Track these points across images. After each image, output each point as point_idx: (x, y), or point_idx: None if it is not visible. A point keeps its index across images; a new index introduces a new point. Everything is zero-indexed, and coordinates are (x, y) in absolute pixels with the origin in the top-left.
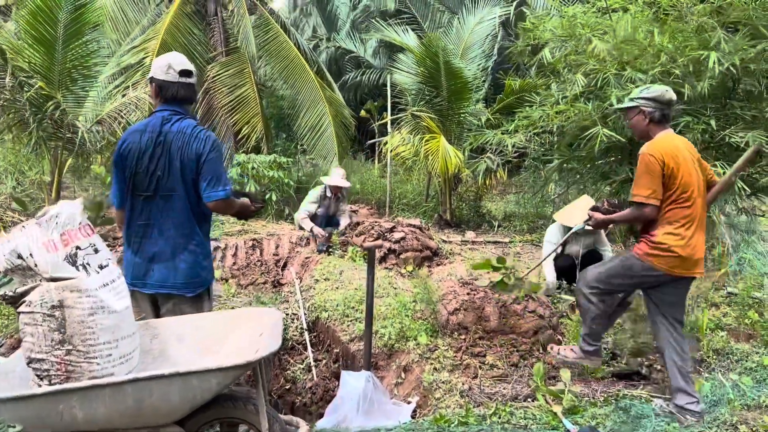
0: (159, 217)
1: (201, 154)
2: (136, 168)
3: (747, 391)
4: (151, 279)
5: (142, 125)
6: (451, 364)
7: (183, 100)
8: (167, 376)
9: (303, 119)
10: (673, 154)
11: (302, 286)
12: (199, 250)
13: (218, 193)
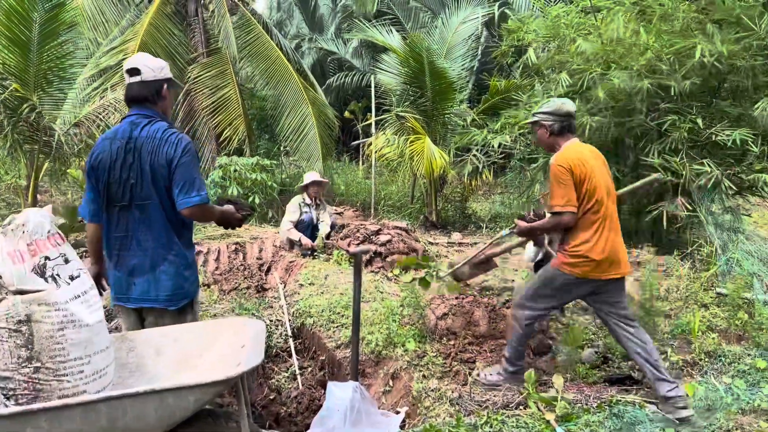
0: (136, 227)
1: (172, 158)
2: (109, 178)
3: (741, 395)
4: (133, 293)
5: (111, 132)
6: (441, 370)
7: (134, 100)
8: (142, 394)
9: (286, 121)
10: (580, 161)
11: (287, 291)
12: (179, 260)
13: (191, 200)
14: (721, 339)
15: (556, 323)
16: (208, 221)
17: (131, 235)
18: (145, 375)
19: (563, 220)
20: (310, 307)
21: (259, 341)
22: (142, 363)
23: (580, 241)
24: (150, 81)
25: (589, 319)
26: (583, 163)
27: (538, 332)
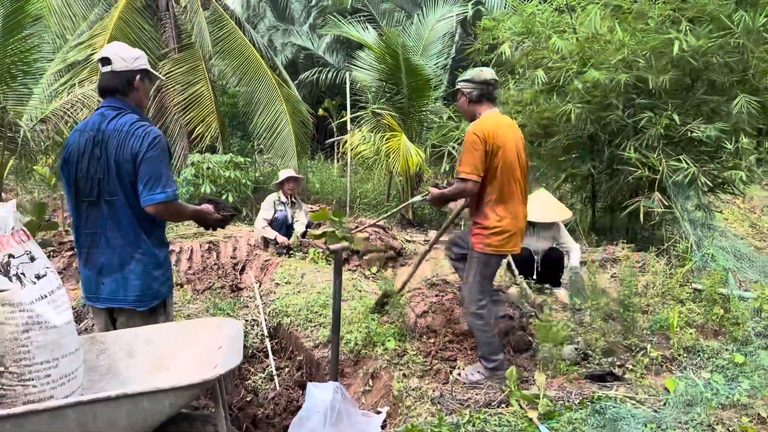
0: (105, 224)
1: (137, 152)
2: (77, 172)
3: (720, 390)
4: (102, 293)
5: (82, 125)
6: (421, 369)
7: (105, 90)
8: (114, 399)
9: (260, 118)
10: (495, 132)
11: (262, 291)
12: (148, 259)
13: (155, 196)
14: (698, 334)
15: (535, 320)
16: (178, 220)
17: (100, 233)
18: (117, 378)
19: (467, 188)
20: (286, 306)
21: (236, 342)
22: (114, 365)
23: (500, 214)
24: (120, 71)
25: (568, 315)
26: (497, 134)
27: (519, 329)
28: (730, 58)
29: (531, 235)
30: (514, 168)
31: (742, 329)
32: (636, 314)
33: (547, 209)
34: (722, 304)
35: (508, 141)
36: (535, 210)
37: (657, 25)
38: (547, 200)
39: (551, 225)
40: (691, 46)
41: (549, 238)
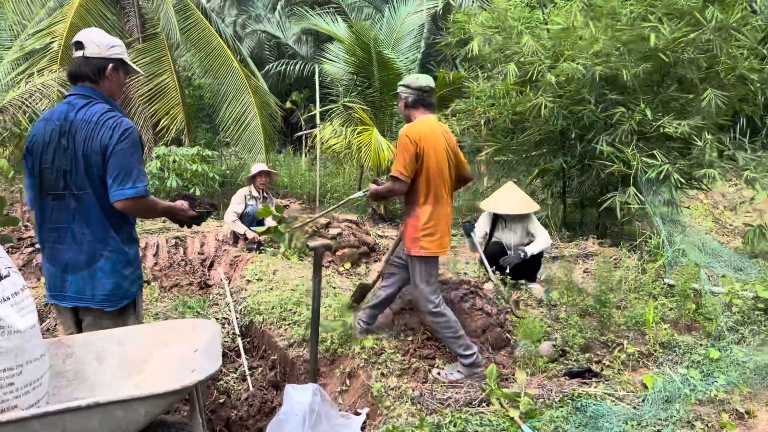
0: (72, 219)
1: (107, 144)
2: (42, 163)
3: (697, 385)
4: (68, 291)
5: (49, 113)
6: (399, 368)
7: (76, 77)
8: (85, 408)
9: (227, 110)
10: (427, 136)
11: (233, 288)
12: (117, 257)
13: (125, 192)
14: (672, 329)
15: (512, 316)
16: (149, 217)
17: (66, 227)
18: (85, 383)
19: (396, 187)
20: (258, 304)
21: (214, 345)
22: (82, 370)
23: (428, 218)
24: (93, 58)
25: (543, 311)
26: (428, 138)
27: (496, 326)
28: (699, 55)
29: (503, 229)
30: (443, 172)
31: (715, 324)
32: (612, 310)
33: (514, 202)
34: (693, 299)
35: (439, 145)
36: (502, 203)
37: (629, 21)
38: (515, 193)
39: (523, 217)
40: (665, 38)
41: (521, 230)
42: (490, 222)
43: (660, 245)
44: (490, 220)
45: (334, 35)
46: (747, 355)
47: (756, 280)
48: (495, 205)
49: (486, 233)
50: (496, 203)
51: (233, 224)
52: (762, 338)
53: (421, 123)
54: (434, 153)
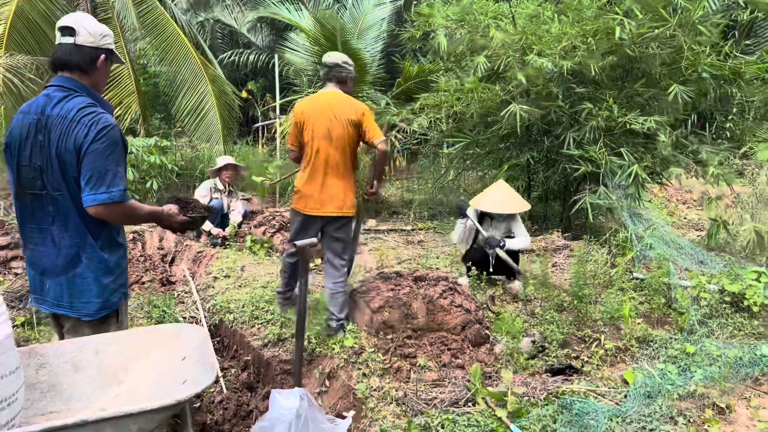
0: (51, 221)
1: (81, 143)
2: (19, 159)
3: (676, 380)
4: (47, 296)
5: (26, 106)
6: (381, 367)
7: (63, 65)
8: (71, 427)
9: (183, 99)
10: (306, 108)
11: (198, 285)
12: (95, 265)
13: (97, 197)
14: (646, 324)
15: (487, 312)
16: (128, 223)
17: (46, 229)
18: (60, 396)
19: (290, 155)
20: (228, 302)
21: (205, 353)
22: (56, 382)
23: (302, 181)
24: (85, 46)
25: (519, 306)
26: (307, 109)
27: (475, 323)
28: (663, 51)
29: (488, 227)
30: (318, 140)
31: (687, 318)
32: (588, 305)
33: (506, 201)
34: (662, 292)
35: (320, 117)
36: (492, 202)
37: (594, 14)
38: (507, 192)
39: (508, 217)
40: (631, 33)
41: (504, 229)
42: (477, 219)
43: (628, 239)
44: (477, 217)
45: (297, 24)
46: (719, 349)
47: (722, 273)
48: (488, 205)
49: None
50: (489, 202)
51: None
52: (730, 331)
53: (311, 97)
54: (312, 125)
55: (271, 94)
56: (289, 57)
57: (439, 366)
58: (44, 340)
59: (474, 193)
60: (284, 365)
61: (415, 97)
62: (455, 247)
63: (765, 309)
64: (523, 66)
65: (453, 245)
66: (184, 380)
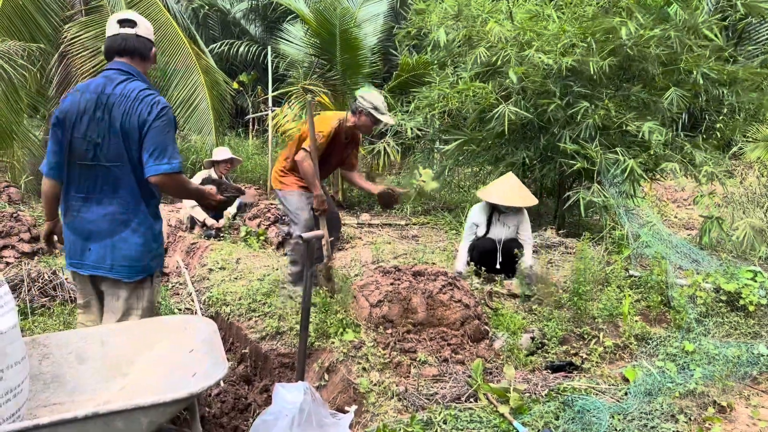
0: (99, 189)
1: (145, 120)
2: (74, 133)
3: (676, 378)
4: (87, 259)
5: (84, 85)
6: (381, 362)
7: (122, 52)
8: (81, 419)
9: (175, 90)
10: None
11: (193, 277)
12: (143, 229)
13: (160, 167)
14: (643, 321)
15: (485, 307)
16: (179, 195)
17: (93, 198)
18: (64, 387)
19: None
20: (224, 294)
21: (214, 346)
22: (60, 373)
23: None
24: (144, 38)
25: (516, 303)
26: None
27: (474, 318)
28: (663, 51)
29: (496, 223)
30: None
31: (685, 316)
32: (588, 302)
33: (515, 194)
34: (658, 290)
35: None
36: (501, 194)
37: (594, 12)
38: (517, 185)
39: (517, 213)
40: (633, 35)
41: (513, 227)
42: (487, 213)
43: (624, 237)
44: (487, 211)
45: (299, 11)
46: (716, 348)
47: (717, 272)
48: (496, 196)
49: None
50: (498, 194)
51: (193, 210)
52: (726, 330)
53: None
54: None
55: (262, 86)
56: (284, 48)
57: (440, 361)
58: (39, 331)
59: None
60: (282, 358)
61: (411, 91)
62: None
63: (760, 309)
64: (521, 62)
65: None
66: (193, 373)
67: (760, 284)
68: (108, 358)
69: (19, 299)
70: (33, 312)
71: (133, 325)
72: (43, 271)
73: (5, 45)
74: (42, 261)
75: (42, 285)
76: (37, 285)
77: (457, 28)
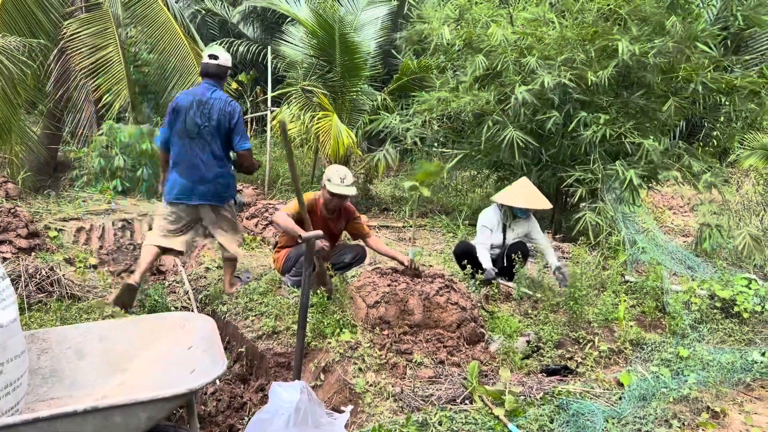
0: (201, 152)
1: (233, 117)
2: (186, 118)
3: (670, 384)
4: (196, 194)
5: (191, 90)
6: (377, 363)
7: (211, 75)
8: (81, 413)
9: (174, 88)
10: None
11: (191, 275)
12: (228, 175)
13: (245, 145)
14: (639, 327)
15: (481, 310)
16: (250, 164)
17: (198, 157)
18: (62, 382)
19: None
20: (221, 293)
21: (213, 343)
22: (59, 368)
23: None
24: (223, 66)
25: (512, 306)
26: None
27: (470, 320)
28: (661, 60)
29: (507, 229)
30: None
31: (680, 322)
32: (584, 307)
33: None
34: (653, 296)
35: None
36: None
37: (594, 19)
38: (531, 189)
39: (527, 220)
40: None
41: (523, 235)
42: (499, 218)
43: (621, 242)
44: (500, 214)
45: (295, 16)
46: (710, 354)
47: (712, 279)
48: (511, 199)
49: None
50: (512, 197)
51: None
52: (720, 336)
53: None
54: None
55: (261, 86)
56: (283, 49)
57: (435, 363)
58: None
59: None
60: (279, 358)
61: (411, 95)
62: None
63: (755, 316)
64: (520, 69)
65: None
66: (192, 369)
67: (754, 292)
68: (107, 354)
69: (16, 295)
70: (30, 308)
71: (133, 321)
72: (41, 266)
73: (5, 40)
74: (39, 257)
75: (39, 281)
76: (35, 281)
77: (458, 31)
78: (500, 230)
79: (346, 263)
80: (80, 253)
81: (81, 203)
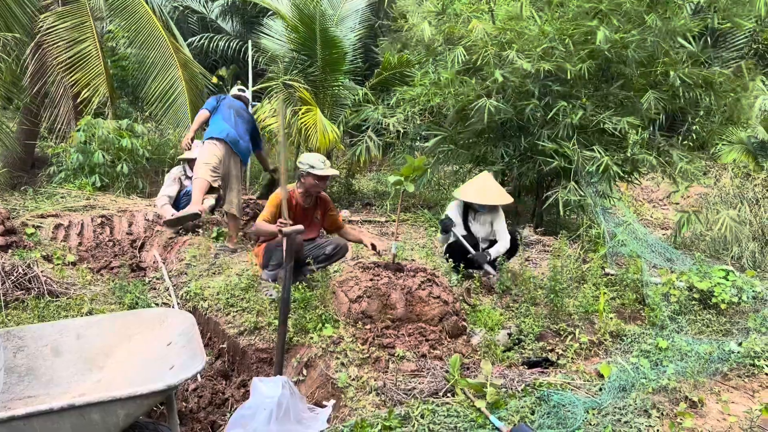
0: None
1: (255, 127)
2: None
3: (649, 374)
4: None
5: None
6: (359, 357)
7: (238, 99)
8: (57, 411)
9: (152, 84)
10: None
11: (171, 272)
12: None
13: (261, 146)
14: (618, 319)
15: (463, 304)
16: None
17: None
18: (39, 380)
19: None
20: (202, 289)
21: (192, 338)
22: (35, 366)
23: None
24: (245, 97)
25: (494, 299)
26: None
27: (452, 314)
28: (641, 54)
29: (473, 222)
30: None
31: (659, 314)
32: (564, 300)
33: (490, 193)
34: (632, 288)
35: None
36: (475, 193)
37: (575, 15)
38: (491, 184)
39: (491, 211)
40: (611, 39)
41: (489, 224)
42: (462, 212)
43: (601, 235)
44: (461, 210)
45: (276, 9)
46: (689, 345)
47: (691, 270)
48: (471, 195)
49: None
50: (472, 193)
51: (162, 209)
52: (698, 327)
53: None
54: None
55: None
56: (264, 43)
57: (418, 356)
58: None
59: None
60: (260, 353)
61: (393, 89)
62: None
63: (732, 307)
64: (500, 63)
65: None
66: (171, 366)
67: (731, 283)
68: (84, 351)
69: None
70: (7, 305)
71: (110, 317)
72: (18, 264)
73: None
74: (16, 254)
75: (16, 278)
76: (12, 278)
77: (438, 25)
78: (461, 222)
79: (327, 254)
80: (58, 249)
81: (59, 199)
